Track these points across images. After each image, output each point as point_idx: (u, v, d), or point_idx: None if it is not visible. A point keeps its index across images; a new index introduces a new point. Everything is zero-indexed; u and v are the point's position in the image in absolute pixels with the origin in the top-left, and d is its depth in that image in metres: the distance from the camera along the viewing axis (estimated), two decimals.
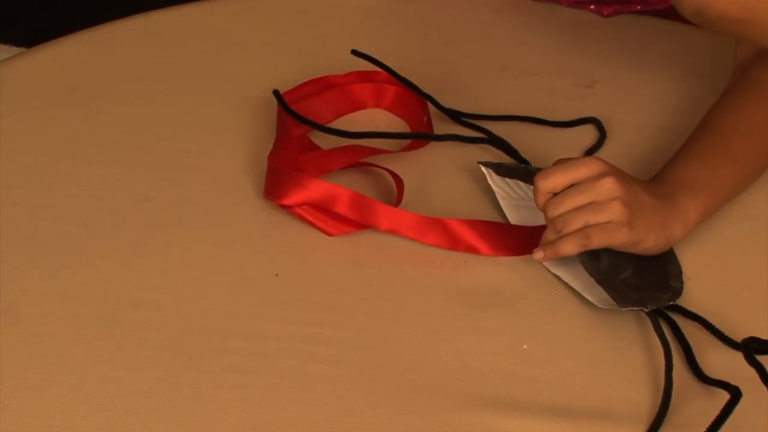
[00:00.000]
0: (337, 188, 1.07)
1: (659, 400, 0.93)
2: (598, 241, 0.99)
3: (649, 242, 1.01)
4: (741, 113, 1.12)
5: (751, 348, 0.94)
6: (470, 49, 1.34)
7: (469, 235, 1.06)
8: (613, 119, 1.22)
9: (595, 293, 1.01)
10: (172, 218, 1.10)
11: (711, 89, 1.26)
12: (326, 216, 1.07)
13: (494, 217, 1.10)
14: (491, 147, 1.18)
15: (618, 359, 0.97)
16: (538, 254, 1.01)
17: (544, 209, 1.02)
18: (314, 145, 1.16)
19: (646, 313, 0.99)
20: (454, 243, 1.06)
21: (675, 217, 1.03)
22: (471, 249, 1.05)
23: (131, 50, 1.30)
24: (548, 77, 1.30)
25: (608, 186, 1.00)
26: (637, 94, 1.27)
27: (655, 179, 1.07)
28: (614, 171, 1.01)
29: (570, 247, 1.00)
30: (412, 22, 1.38)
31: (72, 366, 0.95)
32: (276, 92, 1.18)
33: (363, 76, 1.24)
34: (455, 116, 1.22)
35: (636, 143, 1.19)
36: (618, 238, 1.00)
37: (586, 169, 1.01)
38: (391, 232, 1.06)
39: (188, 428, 0.90)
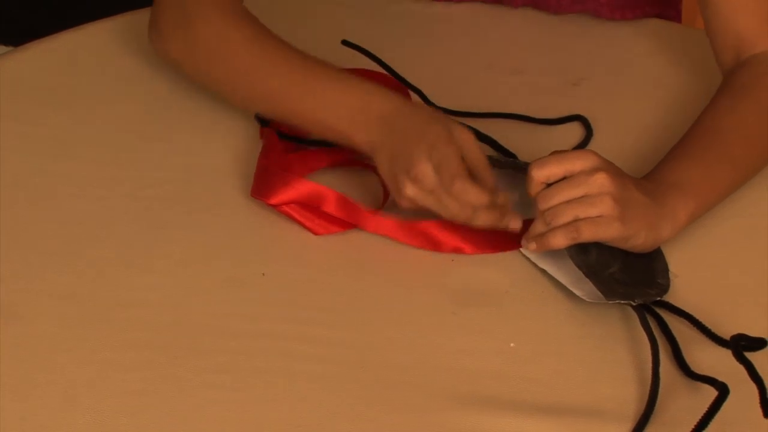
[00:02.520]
0: (324, 189, 1.07)
1: (646, 396, 0.93)
2: (588, 235, 1.00)
3: (638, 239, 1.02)
4: (735, 116, 1.12)
5: (739, 345, 0.95)
6: (456, 47, 1.35)
7: (450, 238, 1.05)
8: (599, 117, 1.22)
9: (582, 287, 1.01)
10: (159, 218, 1.09)
11: (696, 87, 1.26)
12: (313, 215, 1.07)
13: None
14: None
15: (605, 357, 0.97)
16: (531, 245, 1.02)
17: (535, 199, 1.02)
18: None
19: (633, 308, 0.99)
20: (438, 245, 1.06)
21: (664, 217, 1.03)
22: (456, 250, 1.06)
23: (119, 49, 1.30)
24: (534, 75, 1.30)
25: (601, 181, 1.00)
26: (623, 92, 1.28)
27: (647, 177, 1.07)
28: (608, 166, 1.01)
29: (560, 240, 1.00)
30: (399, 21, 1.38)
31: (60, 366, 0.95)
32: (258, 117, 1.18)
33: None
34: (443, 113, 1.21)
35: (621, 141, 1.19)
36: (609, 233, 1.00)
37: (580, 163, 1.01)
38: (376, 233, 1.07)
39: (177, 428, 0.90)
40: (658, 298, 1.01)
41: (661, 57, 1.33)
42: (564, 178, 1.01)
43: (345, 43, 1.23)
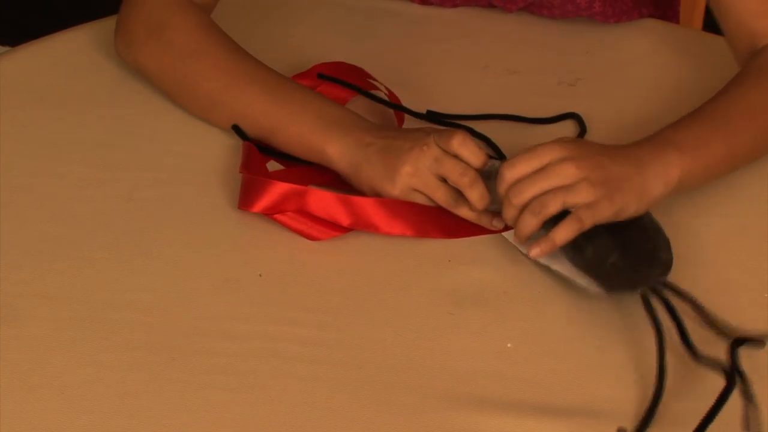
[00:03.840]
0: (300, 187, 1.06)
1: (645, 396, 0.93)
2: (590, 220, 1.00)
3: (631, 208, 1.03)
4: (742, 94, 1.13)
5: (736, 348, 0.94)
6: (452, 48, 1.35)
7: (383, 218, 1.06)
8: (596, 117, 1.23)
9: (586, 280, 1.01)
10: (154, 219, 1.09)
11: (693, 87, 1.26)
12: (310, 221, 1.07)
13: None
14: None
15: (602, 357, 0.97)
16: (534, 251, 1.02)
17: (506, 197, 1.03)
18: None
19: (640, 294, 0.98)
20: (371, 226, 1.06)
21: (653, 176, 1.04)
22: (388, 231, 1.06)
23: (113, 50, 1.30)
24: (530, 76, 1.30)
25: (570, 170, 1.01)
26: (620, 93, 1.28)
27: (638, 141, 1.08)
28: (575, 153, 1.02)
29: (564, 234, 1.00)
30: (394, 21, 1.38)
31: (55, 368, 0.95)
32: (235, 127, 1.17)
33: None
34: (434, 119, 1.21)
35: (617, 141, 1.18)
36: (602, 213, 1.01)
37: (547, 156, 1.02)
38: (355, 225, 1.06)
39: (174, 429, 0.90)
40: (662, 278, 1.00)
41: (658, 57, 1.33)
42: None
43: (321, 77, 1.23)
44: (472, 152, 1.06)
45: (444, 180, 1.07)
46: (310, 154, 1.11)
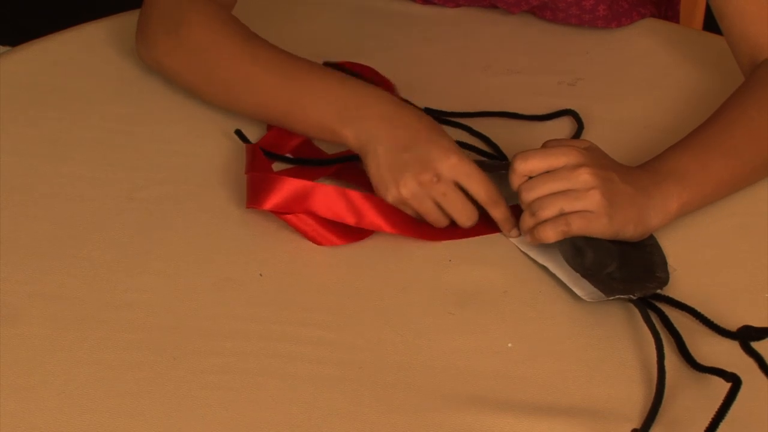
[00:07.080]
0: (310, 183, 1.06)
1: (646, 396, 0.93)
2: (577, 227, 1.00)
3: (627, 232, 1.03)
4: (742, 110, 1.13)
5: (746, 336, 0.94)
6: (452, 48, 1.35)
7: (371, 212, 1.06)
8: (596, 117, 1.23)
9: (582, 286, 1.01)
10: (155, 219, 1.09)
11: (694, 86, 1.26)
12: (319, 225, 1.07)
13: None
14: (474, 144, 1.18)
15: (603, 356, 0.97)
16: (514, 232, 1.05)
17: (518, 191, 1.03)
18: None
19: (634, 303, 0.99)
20: (360, 218, 1.07)
21: (653, 207, 1.04)
22: (374, 226, 1.06)
23: (115, 49, 1.30)
24: (531, 76, 1.30)
25: (584, 177, 1.01)
26: (620, 92, 1.28)
27: (643, 166, 1.08)
28: (592, 161, 1.02)
29: (550, 233, 1.01)
30: (396, 21, 1.38)
31: (56, 368, 0.95)
32: (238, 132, 1.17)
33: None
34: (435, 116, 1.21)
35: (617, 140, 1.19)
36: (597, 228, 1.01)
37: (564, 158, 1.02)
38: (360, 224, 1.06)
39: (174, 429, 0.90)
40: (659, 292, 1.00)
41: (658, 57, 1.33)
42: (547, 172, 1.02)
43: (327, 64, 1.23)
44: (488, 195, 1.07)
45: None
46: (328, 137, 1.12)
